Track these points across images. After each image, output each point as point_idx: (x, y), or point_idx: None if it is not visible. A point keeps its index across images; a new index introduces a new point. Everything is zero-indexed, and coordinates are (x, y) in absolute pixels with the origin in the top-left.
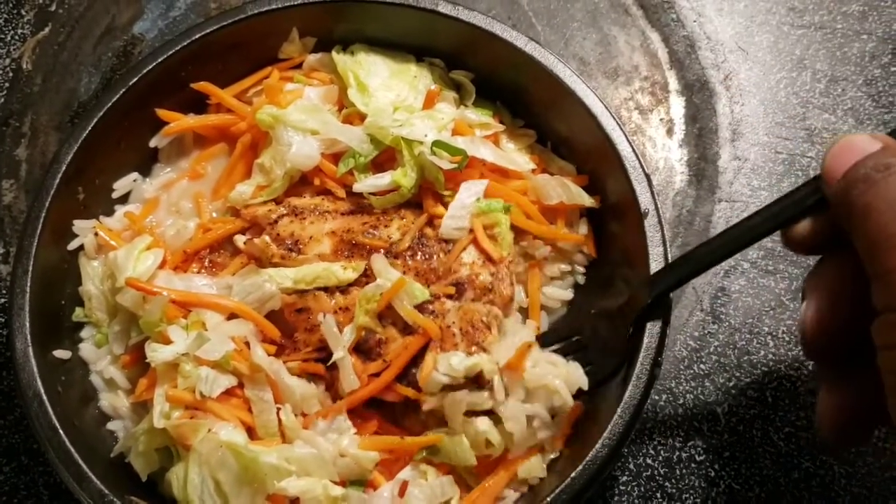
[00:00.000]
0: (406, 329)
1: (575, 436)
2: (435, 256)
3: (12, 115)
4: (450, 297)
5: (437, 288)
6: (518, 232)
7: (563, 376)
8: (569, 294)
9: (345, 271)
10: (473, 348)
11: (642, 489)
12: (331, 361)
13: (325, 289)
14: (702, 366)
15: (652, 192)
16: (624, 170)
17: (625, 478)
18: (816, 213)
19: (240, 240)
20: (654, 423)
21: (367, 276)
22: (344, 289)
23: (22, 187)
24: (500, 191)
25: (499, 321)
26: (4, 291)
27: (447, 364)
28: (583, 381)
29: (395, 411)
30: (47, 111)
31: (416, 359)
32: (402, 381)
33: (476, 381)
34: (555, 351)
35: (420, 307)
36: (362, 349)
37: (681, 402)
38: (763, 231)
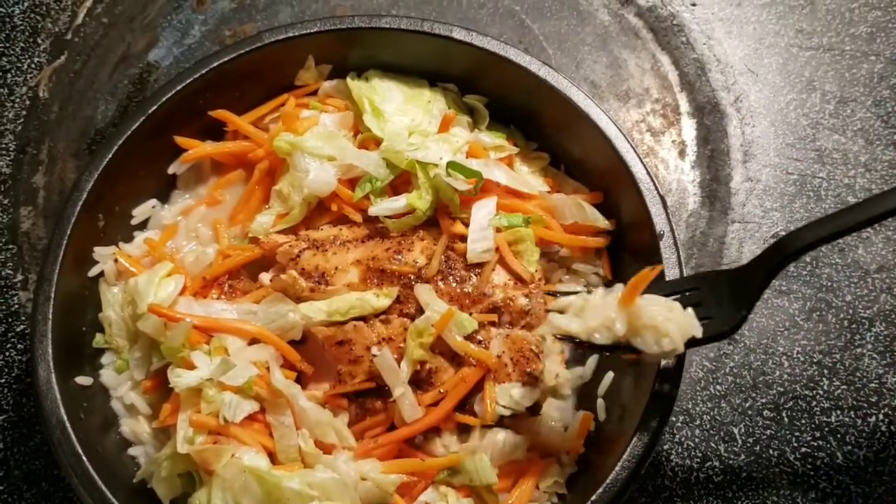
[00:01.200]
0: (454, 357)
1: (594, 458)
2: (466, 281)
3: (30, 143)
4: (492, 323)
5: (479, 316)
6: None
7: (676, 321)
8: None
9: (378, 299)
10: (525, 378)
11: None
12: (392, 398)
13: (363, 318)
14: (718, 387)
15: (667, 214)
16: (638, 192)
17: (643, 499)
18: None
19: (265, 277)
20: (671, 444)
21: (399, 302)
22: (383, 317)
23: (40, 214)
24: (515, 206)
25: (544, 346)
26: (24, 318)
27: (508, 397)
28: (697, 329)
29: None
30: (64, 138)
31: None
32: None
33: (531, 409)
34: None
35: (468, 337)
36: (414, 380)
37: (697, 423)
38: None
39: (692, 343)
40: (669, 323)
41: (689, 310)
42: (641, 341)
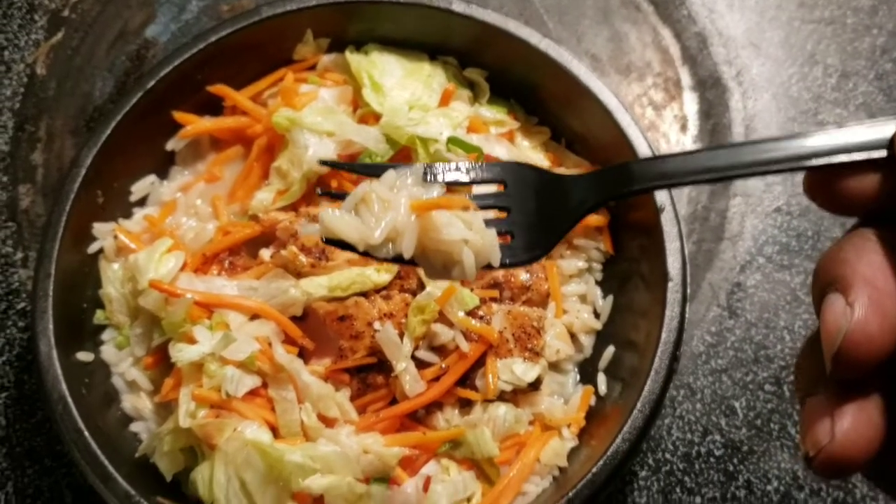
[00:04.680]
0: None
1: (595, 431)
2: None
3: (28, 120)
4: (493, 299)
5: (480, 292)
6: None
7: (475, 245)
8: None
9: (379, 274)
10: (527, 353)
11: (661, 484)
12: (395, 374)
13: (363, 294)
14: (719, 361)
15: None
16: None
17: (644, 473)
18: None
19: (265, 254)
20: (672, 419)
21: (400, 278)
22: (384, 293)
23: (39, 192)
24: None
25: (545, 321)
26: (25, 295)
27: (510, 372)
28: (495, 259)
29: None
30: (62, 116)
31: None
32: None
33: (532, 384)
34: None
35: (470, 313)
36: (414, 355)
37: (699, 397)
38: (802, 155)
39: (482, 268)
40: (467, 249)
41: (493, 231)
42: (427, 264)
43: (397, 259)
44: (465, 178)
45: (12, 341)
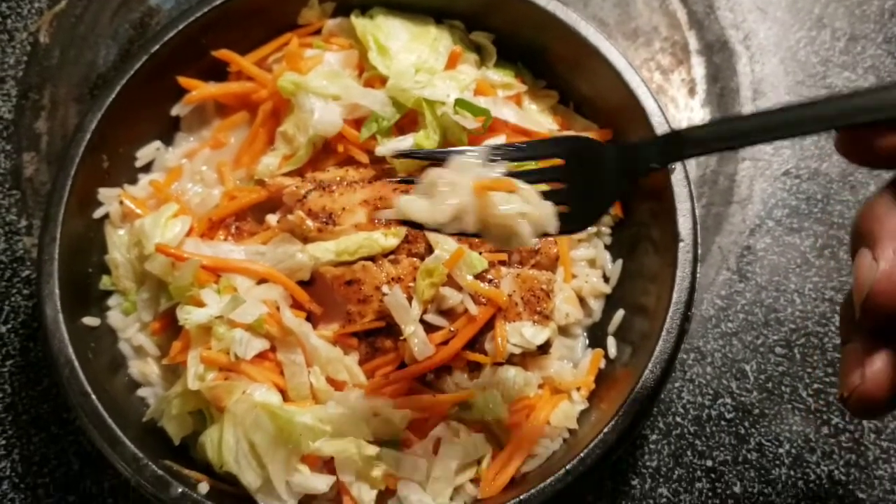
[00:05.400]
0: None
1: (605, 394)
2: None
3: (31, 88)
4: (502, 262)
5: (489, 255)
6: None
7: (531, 217)
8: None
9: (386, 238)
10: (536, 317)
11: (672, 447)
12: (403, 337)
13: (371, 258)
14: (729, 324)
15: None
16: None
17: (654, 436)
18: None
19: (272, 219)
20: (682, 382)
21: (408, 242)
22: (391, 257)
23: (43, 160)
24: None
25: (554, 285)
26: (29, 263)
27: (519, 336)
28: (552, 227)
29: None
30: (66, 84)
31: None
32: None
33: (541, 347)
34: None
35: (478, 276)
36: (424, 319)
37: (709, 360)
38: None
39: (541, 235)
40: (523, 221)
41: (549, 203)
42: (490, 236)
43: (462, 233)
44: (525, 157)
45: (17, 309)
